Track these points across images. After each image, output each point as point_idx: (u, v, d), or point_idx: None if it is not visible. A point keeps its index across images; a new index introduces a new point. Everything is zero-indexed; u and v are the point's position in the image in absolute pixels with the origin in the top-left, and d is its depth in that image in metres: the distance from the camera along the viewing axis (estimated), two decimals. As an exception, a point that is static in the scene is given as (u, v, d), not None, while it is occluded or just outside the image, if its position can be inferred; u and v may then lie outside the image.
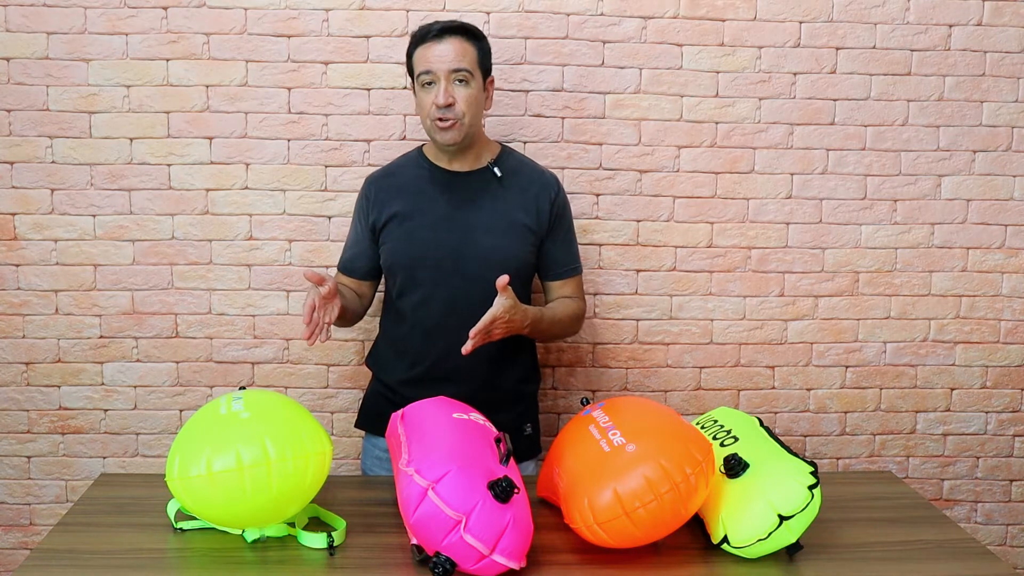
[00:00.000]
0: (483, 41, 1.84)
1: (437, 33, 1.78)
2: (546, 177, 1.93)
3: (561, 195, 1.93)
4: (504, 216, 1.86)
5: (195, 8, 2.16)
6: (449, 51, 1.77)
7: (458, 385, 1.81)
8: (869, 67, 2.25)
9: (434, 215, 1.86)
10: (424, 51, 1.79)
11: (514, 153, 1.97)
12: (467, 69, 1.78)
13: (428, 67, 1.78)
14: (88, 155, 2.19)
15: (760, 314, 2.32)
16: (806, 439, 2.38)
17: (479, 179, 1.88)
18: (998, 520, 2.42)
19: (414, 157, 1.95)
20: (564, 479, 1.47)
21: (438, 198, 1.87)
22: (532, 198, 1.88)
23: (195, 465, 1.36)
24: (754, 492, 1.40)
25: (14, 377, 2.26)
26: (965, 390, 2.38)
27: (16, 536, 2.32)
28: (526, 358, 1.97)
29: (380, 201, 1.90)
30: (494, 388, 1.88)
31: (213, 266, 2.24)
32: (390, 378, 1.93)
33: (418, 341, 1.88)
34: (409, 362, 1.90)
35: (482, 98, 1.84)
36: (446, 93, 1.76)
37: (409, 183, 1.90)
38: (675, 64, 2.23)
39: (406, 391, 1.85)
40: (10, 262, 2.22)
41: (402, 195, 1.89)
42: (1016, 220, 2.32)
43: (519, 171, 1.91)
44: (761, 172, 2.28)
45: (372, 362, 2.00)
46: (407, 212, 1.87)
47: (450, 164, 1.89)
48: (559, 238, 1.93)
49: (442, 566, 1.29)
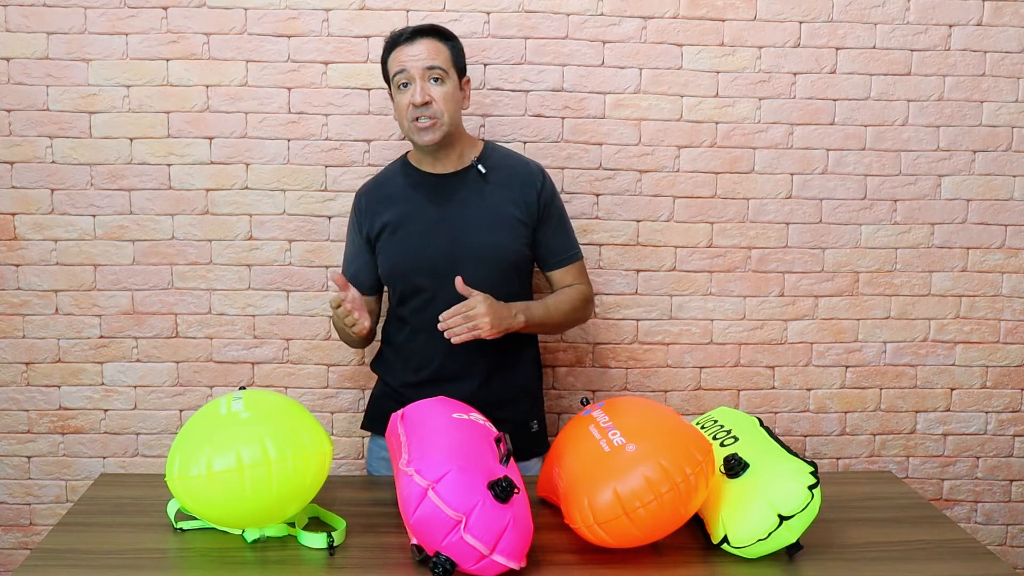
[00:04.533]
0: (455, 41, 1.86)
1: (409, 36, 1.81)
2: (530, 168, 1.93)
3: (548, 184, 1.93)
4: (493, 212, 1.86)
5: (195, 8, 2.16)
6: (422, 51, 1.79)
7: (462, 385, 1.82)
8: (869, 67, 2.25)
9: (424, 220, 1.86)
10: (397, 54, 1.81)
11: (498, 148, 1.97)
12: (441, 67, 1.79)
13: (402, 67, 1.79)
14: (88, 155, 2.19)
15: (760, 314, 2.32)
16: (806, 439, 2.38)
17: (464, 178, 1.89)
18: (998, 520, 2.42)
19: (399, 166, 1.96)
20: (564, 479, 1.47)
21: (426, 203, 1.87)
22: (518, 190, 1.88)
23: (195, 465, 1.36)
24: (754, 492, 1.40)
25: (14, 377, 2.26)
26: (965, 390, 2.38)
27: (16, 536, 2.32)
28: (529, 356, 1.98)
29: (371, 212, 1.91)
30: (498, 387, 1.88)
31: (213, 266, 2.24)
32: (395, 381, 1.94)
33: (421, 345, 1.88)
34: (414, 366, 1.90)
35: (459, 96, 1.85)
36: (422, 92, 1.77)
37: (397, 192, 1.91)
38: (675, 64, 2.23)
39: (411, 393, 1.85)
40: (10, 262, 2.22)
41: (391, 204, 1.90)
42: (1016, 220, 2.32)
43: (503, 165, 1.91)
44: (761, 172, 2.28)
45: (377, 366, 2.01)
46: (398, 221, 1.88)
47: (434, 167, 1.89)
48: (551, 227, 1.92)
49: (442, 566, 1.29)
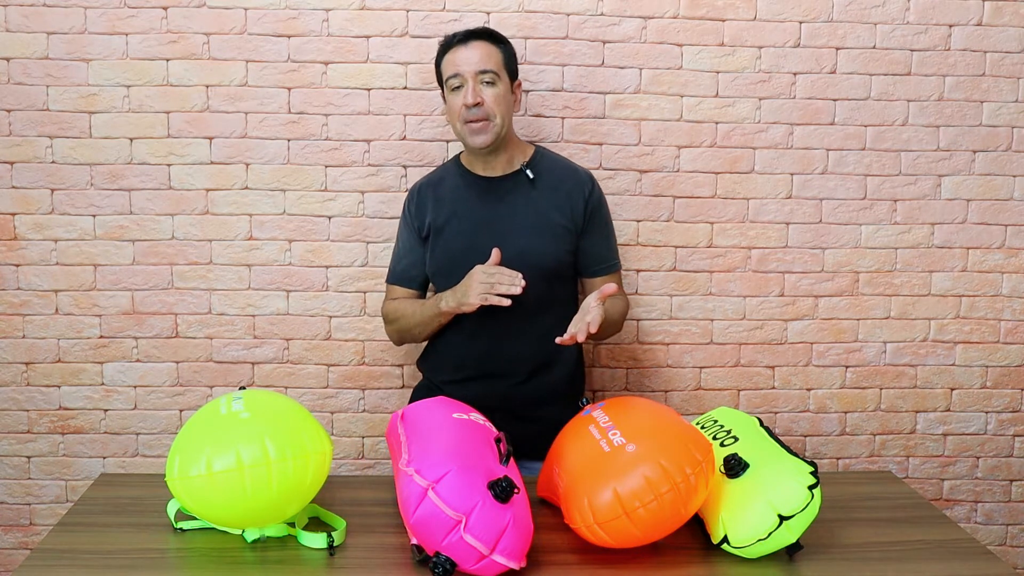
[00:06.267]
0: (508, 45, 1.89)
1: (462, 38, 1.84)
2: (580, 175, 1.95)
3: (596, 191, 1.95)
4: (539, 217, 1.88)
5: (195, 8, 2.16)
6: (475, 54, 1.82)
7: (503, 383, 1.88)
8: (869, 67, 2.25)
9: (471, 221, 1.89)
10: (451, 56, 1.84)
11: (548, 153, 1.99)
12: (493, 70, 1.83)
13: (456, 70, 1.82)
14: (88, 155, 2.19)
15: (760, 314, 2.32)
16: (806, 439, 2.38)
17: (512, 182, 1.91)
18: (998, 520, 2.42)
19: (452, 166, 2.00)
20: (564, 479, 1.47)
21: (474, 204, 1.91)
22: (565, 197, 1.90)
23: (195, 465, 1.36)
24: (754, 492, 1.40)
25: (14, 377, 2.26)
26: (965, 390, 2.38)
27: (16, 536, 2.32)
28: (572, 356, 1.96)
29: (423, 210, 1.95)
30: (538, 385, 1.90)
31: (213, 266, 2.24)
32: (438, 378, 1.97)
33: (461, 345, 1.91)
34: (453, 365, 1.93)
35: (511, 99, 1.88)
36: (474, 92, 1.80)
37: (448, 192, 1.94)
38: (675, 64, 2.23)
39: (451, 390, 1.87)
40: (10, 262, 2.22)
41: (441, 204, 1.93)
42: (1016, 220, 2.32)
43: (552, 171, 1.94)
44: (761, 172, 2.28)
45: (423, 363, 2.03)
46: (446, 220, 1.91)
47: (484, 170, 1.92)
48: (596, 234, 1.94)
49: (442, 566, 1.29)
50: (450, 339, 1.93)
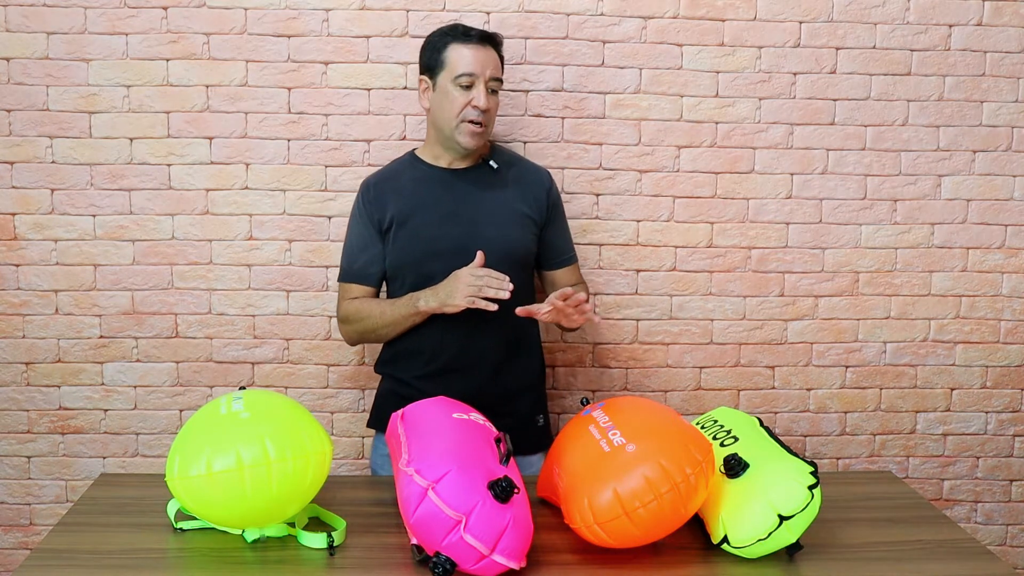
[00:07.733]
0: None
1: (479, 38, 1.83)
2: (540, 171, 2.02)
3: (554, 187, 2.01)
4: (506, 207, 1.90)
5: (195, 8, 2.16)
6: (491, 59, 1.84)
7: (472, 378, 1.86)
8: (869, 67, 2.25)
9: (438, 212, 1.88)
10: (466, 52, 1.82)
11: (503, 149, 2.03)
12: (500, 79, 1.87)
13: (472, 69, 1.81)
14: (88, 155, 2.19)
15: (760, 314, 2.32)
16: (806, 439, 2.38)
17: (476, 174, 1.93)
18: (998, 520, 2.42)
19: (408, 161, 1.98)
20: (564, 479, 1.47)
21: (440, 195, 1.90)
22: (529, 190, 1.95)
23: (195, 465, 1.36)
24: (754, 492, 1.40)
25: (14, 377, 2.26)
26: (965, 390, 2.38)
27: (16, 536, 2.32)
28: (535, 350, 2.00)
29: (382, 203, 1.91)
30: (506, 380, 1.90)
31: (213, 266, 2.24)
32: (405, 375, 1.93)
33: (434, 337, 1.88)
34: (425, 359, 1.90)
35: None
36: (487, 98, 1.81)
37: (407, 185, 1.92)
38: (675, 64, 2.23)
39: (422, 386, 1.86)
40: (10, 262, 2.22)
41: (402, 196, 1.91)
42: (1016, 220, 2.32)
43: (513, 164, 1.98)
44: (761, 172, 2.28)
45: (382, 366, 2.00)
46: (410, 212, 1.89)
47: (449, 163, 1.92)
48: (557, 227, 2.00)
49: (442, 566, 1.29)
50: (422, 333, 1.88)
